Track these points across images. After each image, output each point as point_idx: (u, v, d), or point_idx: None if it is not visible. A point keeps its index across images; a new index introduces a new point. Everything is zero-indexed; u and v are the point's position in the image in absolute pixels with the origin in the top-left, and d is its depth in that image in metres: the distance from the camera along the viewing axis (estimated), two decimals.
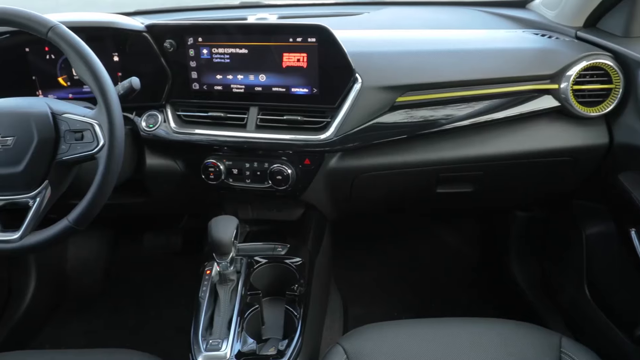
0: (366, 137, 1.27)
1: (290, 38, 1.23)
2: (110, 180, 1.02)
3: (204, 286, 1.23)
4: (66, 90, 1.37)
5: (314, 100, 1.27)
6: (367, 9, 1.75)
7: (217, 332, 1.13)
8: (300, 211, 1.50)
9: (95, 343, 1.84)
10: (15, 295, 1.83)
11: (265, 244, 1.37)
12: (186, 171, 1.42)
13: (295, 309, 1.19)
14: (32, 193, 1.04)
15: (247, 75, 1.29)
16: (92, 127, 1.01)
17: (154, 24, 1.31)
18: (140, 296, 2.04)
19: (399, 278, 2.08)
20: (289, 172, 1.31)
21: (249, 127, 1.31)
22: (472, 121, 1.30)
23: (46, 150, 1.02)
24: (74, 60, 1.01)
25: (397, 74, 1.26)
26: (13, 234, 1.04)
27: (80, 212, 1.02)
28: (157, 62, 1.31)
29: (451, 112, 1.29)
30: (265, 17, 1.64)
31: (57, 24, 1.00)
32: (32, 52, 1.34)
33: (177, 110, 1.36)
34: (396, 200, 1.56)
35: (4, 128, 1.01)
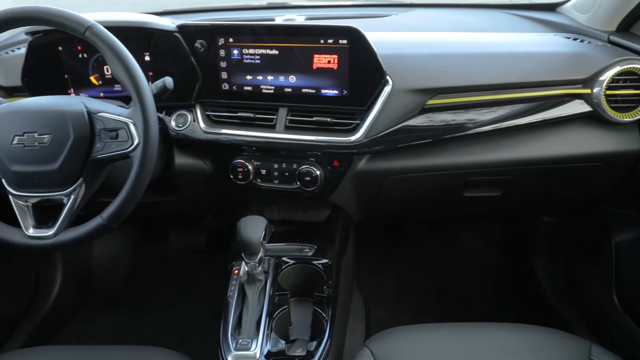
0: (396, 139, 1.26)
1: (321, 39, 1.23)
2: (144, 179, 1.03)
3: (232, 286, 1.23)
4: (97, 88, 1.38)
5: (343, 102, 1.27)
6: (394, 11, 1.74)
7: (246, 331, 1.13)
8: (327, 212, 1.50)
9: (119, 339, 1.86)
10: (42, 290, 1.86)
11: (293, 245, 1.37)
12: (214, 171, 1.42)
13: (324, 310, 1.19)
14: (67, 190, 1.05)
15: (277, 76, 1.29)
16: (127, 126, 1.02)
17: (185, 24, 1.31)
18: (164, 293, 2.06)
19: (421, 281, 2.07)
20: (318, 174, 1.31)
21: (278, 128, 1.31)
22: (502, 125, 1.29)
23: (81, 149, 1.03)
24: (111, 60, 1.02)
25: (428, 76, 1.26)
26: (47, 231, 1.05)
27: (114, 210, 1.03)
28: (187, 62, 1.32)
29: (481, 116, 1.28)
30: (293, 18, 1.64)
31: (94, 23, 1.01)
32: (65, 51, 1.35)
33: (206, 110, 1.37)
34: (423, 203, 1.55)
35: (40, 126, 1.02)
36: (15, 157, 1.03)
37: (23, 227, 1.07)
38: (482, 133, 1.29)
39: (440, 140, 1.29)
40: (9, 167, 1.03)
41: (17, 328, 1.76)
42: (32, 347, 1.16)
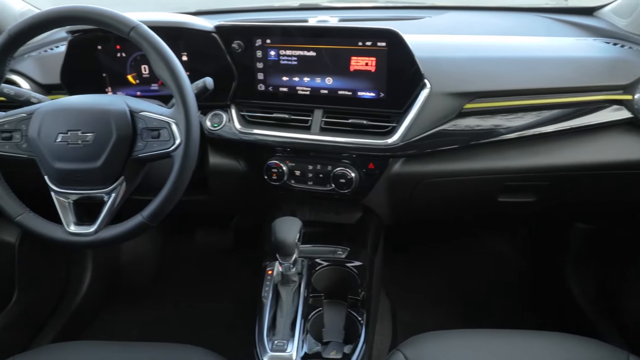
0: (432, 143, 1.26)
1: (359, 42, 1.22)
2: (184, 179, 1.03)
3: (267, 286, 1.24)
4: (134, 87, 1.40)
5: (380, 105, 1.27)
6: (427, 13, 1.73)
7: (281, 332, 1.13)
8: (358, 215, 1.50)
9: (147, 335, 1.88)
10: (72, 286, 1.89)
11: (326, 247, 1.37)
12: (248, 171, 1.43)
13: (359, 313, 1.19)
14: (108, 188, 1.06)
15: (313, 77, 1.29)
16: (169, 126, 1.03)
17: (223, 25, 1.32)
18: (190, 291, 2.07)
19: (446, 285, 2.06)
20: (353, 176, 1.31)
21: (313, 130, 1.31)
22: (540, 130, 1.28)
23: (123, 147, 1.04)
24: (155, 60, 1.02)
25: (467, 80, 1.25)
26: (88, 228, 1.06)
27: (154, 208, 1.04)
28: (224, 63, 1.32)
29: (519, 121, 1.27)
30: (327, 20, 1.64)
31: (139, 23, 1.02)
32: (104, 50, 1.37)
33: (242, 110, 1.37)
34: (456, 208, 1.54)
35: (84, 124, 1.04)
36: (58, 154, 1.04)
37: (64, 224, 1.08)
38: (518, 138, 1.28)
39: (477, 145, 1.28)
40: (52, 164, 1.05)
41: (48, 323, 1.78)
42: (65, 342, 1.18)
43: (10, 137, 1.08)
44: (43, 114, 1.05)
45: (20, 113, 1.08)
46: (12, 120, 1.08)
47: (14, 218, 1.08)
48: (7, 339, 1.58)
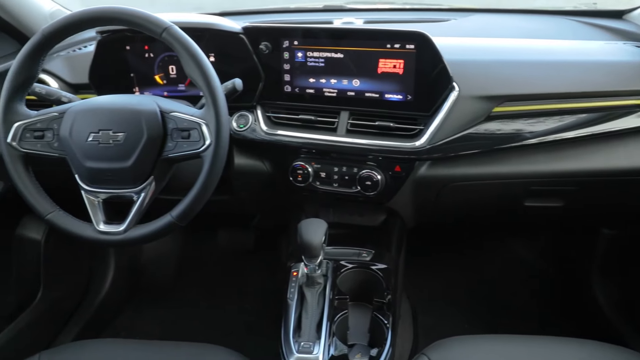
0: (460, 146, 1.25)
1: (387, 44, 1.22)
2: (214, 179, 1.04)
3: (292, 287, 1.24)
4: (162, 88, 1.41)
5: (407, 107, 1.26)
6: (453, 16, 1.72)
7: (306, 334, 1.13)
8: (382, 217, 1.49)
9: (168, 334, 1.89)
10: (94, 284, 1.90)
11: (350, 249, 1.37)
12: (273, 172, 1.43)
13: (384, 316, 1.18)
14: (138, 188, 1.07)
15: (340, 79, 1.29)
16: (199, 127, 1.03)
17: (250, 26, 1.32)
18: (211, 291, 2.08)
19: (468, 289, 2.04)
20: (379, 178, 1.30)
21: (340, 132, 1.31)
22: (568, 134, 1.26)
23: (154, 147, 1.05)
24: (186, 60, 1.03)
25: (496, 83, 1.24)
26: (117, 227, 1.07)
27: (183, 208, 1.05)
28: (251, 64, 1.33)
29: (547, 125, 1.26)
30: (352, 22, 1.64)
31: (171, 25, 1.02)
32: (132, 51, 1.38)
33: (267, 111, 1.38)
34: (481, 211, 1.53)
35: (115, 124, 1.04)
36: (89, 153, 1.05)
37: (94, 222, 1.09)
38: (547, 142, 1.27)
39: (504, 149, 1.27)
40: (83, 163, 1.06)
41: (71, 320, 1.80)
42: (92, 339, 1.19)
43: (42, 136, 1.09)
44: (75, 113, 1.06)
45: (52, 112, 1.09)
46: (44, 119, 1.09)
47: (44, 216, 1.09)
48: (31, 336, 1.60)
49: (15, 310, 1.55)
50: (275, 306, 1.94)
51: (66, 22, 1.05)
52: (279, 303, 1.71)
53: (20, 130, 1.08)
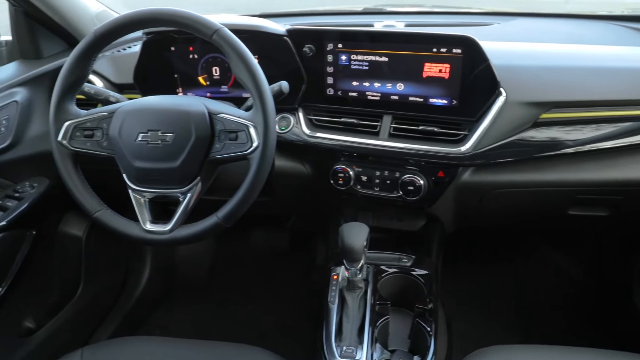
0: (505, 153, 1.23)
1: (434, 48, 1.21)
2: (260, 181, 1.04)
3: (332, 291, 1.23)
4: (204, 89, 1.42)
5: (452, 112, 1.25)
6: (496, 20, 1.70)
7: (348, 338, 1.13)
8: (422, 222, 1.48)
9: (201, 333, 1.90)
10: (131, 281, 1.93)
11: (391, 254, 1.36)
12: (314, 175, 1.43)
13: (427, 323, 1.17)
14: (184, 188, 1.08)
15: (384, 83, 1.28)
16: (247, 129, 1.03)
17: (294, 28, 1.32)
18: (244, 290, 2.09)
19: (504, 297, 2.01)
20: (421, 183, 1.29)
21: (382, 135, 1.30)
22: (617, 143, 1.24)
23: (201, 148, 1.05)
24: (235, 63, 1.03)
25: (544, 89, 1.22)
26: (164, 226, 1.08)
27: (230, 209, 1.05)
28: (294, 66, 1.33)
29: (596, 132, 1.23)
30: (393, 25, 1.64)
31: (221, 27, 1.03)
32: (177, 52, 1.39)
33: (309, 114, 1.38)
34: (523, 219, 1.51)
35: (164, 124, 1.05)
36: (138, 153, 1.06)
37: (140, 221, 1.10)
38: (595, 150, 1.24)
39: (550, 156, 1.25)
40: (131, 162, 1.07)
41: (108, 316, 1.83)
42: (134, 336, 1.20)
43: (91, 135, 1.10)
44: (124, 113, 1.08)
45: (102, 112, 1.11)
46: (94, 118, 1.10)
47: (92, 214, 1.10)
48: (71, 331, 1.62)
49: (56, 305, 1.58)
50: (310, 308, 1.95)
51: (118, 23, 1.06)
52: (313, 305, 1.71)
53: (71, 129, 1.10)
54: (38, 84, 1.40)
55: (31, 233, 1.37)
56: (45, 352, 1.47)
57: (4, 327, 1.38)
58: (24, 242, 1.36)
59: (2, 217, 1.26)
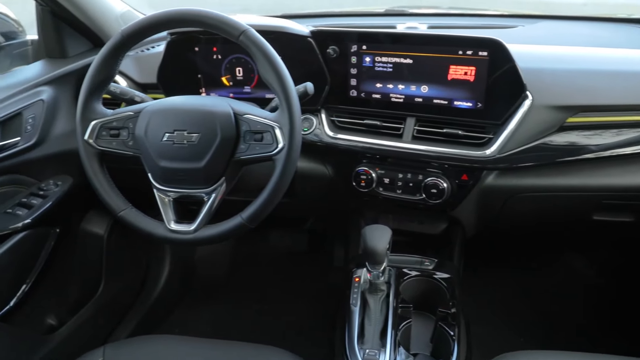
0: (530, 157, 1.22)
1: (459, 50, 1.20)
2: (285, 183, 1.04)
3: (354, 293, 1.23)
4: (227, 89, 1.42)
5: (476, 115, 1.24)
6: (520, 22, 1.68)
7: (370, 341, 1.13)
8: (443, 225, 1.47)
9: (220, 332, 1.91)
10: (151, 279, 1.94)
11: (412, 257, 1.35)
12: (336, 176, 1.43)
13: (450, 327, 1.16)
14: (209, 189, 1.08)
15: (408, 85, 1.28)
16: (273, 130, 1.03)
17: (318, 30, 1.32)
18: (263, 290, 2.09)
19: (524, 302, 1.99)
20: (445, 186, 1.28)
21: (405, 138, 1.30)
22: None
23: (226, 149, 1.05)
24: (262, 63, 1.03)
25: (571, 93, 1.21)
26: (188, 226, 1.08)
27: (254, 210, 1.05)
28: (317, 67, 1.33)
29: (623, 137, 1.22)
30: (416, 27, 1.62)
31: (248, 28, 1.03)
32: (201, 52, 1.39)
33: (331, 115, 1.37)
34: (546, 223, 1.49)
35: (190, 125, 1.05)
36: (164, 153, 1.06)
37: (165, 221, 1.10)
38: (622, 155, 1.23)
39: (576, 160, 1.24)
40: (157, 162, 1.07)
41: (127, 314, 1.84)
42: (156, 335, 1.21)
43: (117, 134, 1.11)
44: (150, 113, 1.08)
45: (128, 111, 1.11)
46: (120, 118, 1.11)
47: (117, 213, 1.11)
48: (92, 329, 1.63)
49: (77, 303, 1.59)
50: (327, 309, 1.95)
51: (145, 23, 1.06)
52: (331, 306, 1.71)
53: (97, 128, 1.11)
54: (63, 83, 1.42)
55: (55, 231, 1.39)
56: (67, 349, 1.48)
57: (27, 323, 1.39)
58: (48, 239, 1.37)
59: (27, 215, 1.27)
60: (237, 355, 1.13)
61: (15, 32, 1.48)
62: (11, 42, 1.47)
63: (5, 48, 1.46)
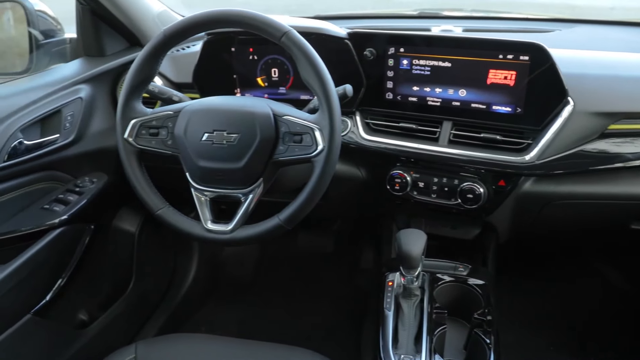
0: (570, 164, 1.20)
1: (500, 54, 1.19)
2: (324, 184, 1.03)
3: (388, 297, 1.22)
4: (262, 90, 1.42)
5: (515, 120, 1.22)
6: (556, 26, 1.66)
7: (404, 347, 1.12)
8: (476, 231, 1.45)
9: (246, 332, 1.91)
10: (178, 277, 1.95)
11: (446, 262, 1.34)
12: (369, 179, 1.42)
13: (486, 335, 1.15)
14: (247, 189, 1.08)
15: (446, 89, 1.27)
16: (312, 132, 1.03)
17: (356, 31, 1.32)
18: (288, 292, 2.09)
19: (553, 310, 1.96)
20: (481, 192, 1.26)
21: (441, 142, 1.29)
22: None
23: (265, 150, 1.05)
24: (304, 65, 1.03)
25: (614, 99, 1.18)
26: (225, 226, 1.08)
27: (292, 212, 1.05)
28: (353, 69, 1.32)
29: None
30: (450, 30, 1.62)
31: (290, 29, 1.03)
32: (237, 52, 1.40)
33: (366, 117, 1.37)
34: (581, 231, 1.47)
35: (230, 125, 1.05)
36: (202, 153, 1.06)
37: (202, 220, 1.10)
38: None
39: (616, 168, 1.21)
40: (195, 161, 1.07)
41: (155, 312, 1.85)
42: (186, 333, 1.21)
43: (157, 134, 1.11)
44: (190, 112, 1.08)
45: (167, 110, 1.12)
46: (160, 117, 1.11)
47: (155, 211, 1.12)
48: (121, 326, 1.65)
49: (108, 299, 1.61)
50: (354, 311, 1.94)
51: (187, 23, 1.07)
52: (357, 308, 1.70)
53: (137, 126, 1.11)
54: (100, 81, 1.43)
55: (90, 227, 1.40)
56: (98, 345, 1.49)
57: (61, 318, 1.40)
58: (83, 236, 1.39)
59: (64, 211, 1.29)
60: (271, 356, 1.13)
61: (54, 30, 1.50)
62: (50, 40, 1.48)
63: (44, 46, 1.47)
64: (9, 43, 1.53)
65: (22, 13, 1.43)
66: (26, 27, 1.44)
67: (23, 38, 1.44)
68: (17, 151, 1.21)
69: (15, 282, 1.16)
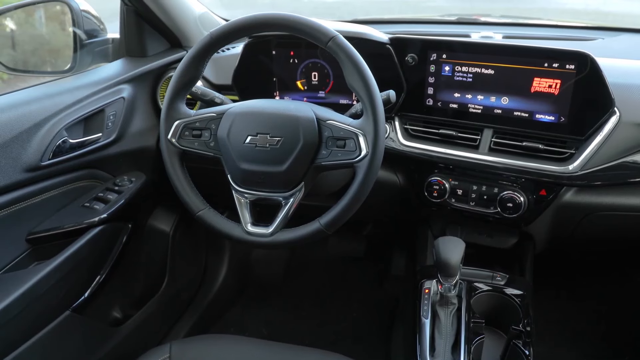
0: (615, 175, 1.18)
1: (545, 62, 1.17)
2: (366, 190, 1.03)
3: (425, 305, 1.22)
4: (301, 93, 1.43)
5: (558, 129, 1.21)
6: (599, 34, 1.64)
7: (441, 355, 1.11)
8: (514, 240, 1.43)
9: (275, 335, 1.91)
10: (209, 277, 1.96)
11: (484, 271, 1.32)
12: (406, 185, 1.41)
13: (525, 346, 1.13)
14: (288, 193, 1.08)
15: (488, 96, 1.26)
16: (356, 137, 1.02)
17: (398, 37, 1.31)
18: (317, 295, 2.09)
19: (586, 321, 1.93)
20: (521, 201, 1.25)
21: (482, 149, 1.28)
22: None
23: (308, 154, 1.05)
24: (350, 70, 1.03)
25: None
26: (265, 229, 1.09)
27: (333, 217, 1.05)
28: (394, 74, 1.32)
29: None
30: (491, 36, 1.60)
31: (337, 34, 1.03)
32: (278, 55, 1.40)
33: (405, 123, 1.36)
34: (622, 243, 1.44)
35: (273, 128, 1.06)
36: (245, 155, 1.07)
37: (242, 222, 1.11)
38: None
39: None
40: (238, 164, 1.08)
41: (186, 312, 1.86)
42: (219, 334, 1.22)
43: (200, 135, 1.12)
44: (234, 115, 1.09)
45: (210, 112, 1.12)
46: (203, 118, 1.12)
47: (195, 213, 1.12)
48: (154, 325, 1.66)
49: (142, 298, 1.62)
50: (383, 317, 1.93)
51: (234, 26, 1.07)
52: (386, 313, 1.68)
53: (180, 128, 1.12)
54: (142, 82, 1.45)
55: (127, 226, 1.42)
56: (132, 343, 1.51)
57: (97, 316, 1.42)
58: (121, 234, 1.40)
59: (104, 210, 1.30)
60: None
61: (97, 30, 1.52)
62: (93, 40, 1.50)
63: (87, 46, 1.49)
64: (55, 42, 1.56)
65: (68, 12, 1.45)
66: (72, 27, 1.46)
67: (69, 37, 1.47)
68: (62, 149, 1.23)
69: (57, 278, 1.18)
